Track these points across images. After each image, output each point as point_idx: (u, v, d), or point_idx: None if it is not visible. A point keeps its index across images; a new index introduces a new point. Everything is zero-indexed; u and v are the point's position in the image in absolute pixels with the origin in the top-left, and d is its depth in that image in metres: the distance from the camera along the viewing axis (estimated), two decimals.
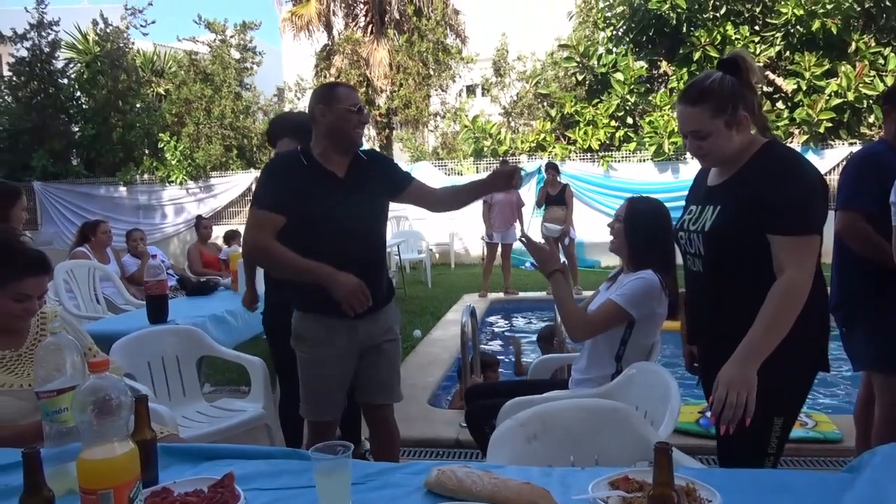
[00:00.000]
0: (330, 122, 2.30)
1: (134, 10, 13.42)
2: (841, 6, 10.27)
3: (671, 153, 10.91)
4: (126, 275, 5.88)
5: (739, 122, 1.76)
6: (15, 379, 1.99)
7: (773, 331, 1.64)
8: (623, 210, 2.57)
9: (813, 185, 1.72)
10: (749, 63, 1.78)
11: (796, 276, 1.66)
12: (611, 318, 2.41)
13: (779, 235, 1.68)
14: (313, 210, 2.29)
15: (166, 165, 13.01)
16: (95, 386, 1.10)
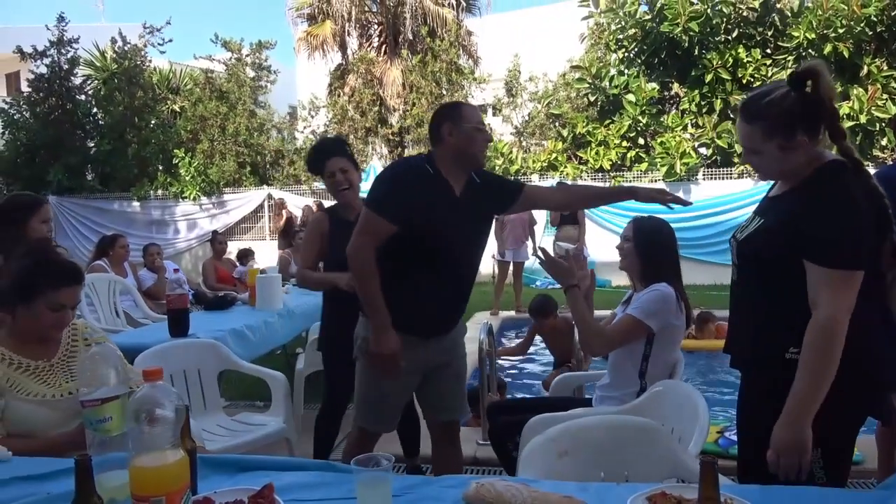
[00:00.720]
0: (457, 140, 2.29)
1: (152, 29, 13.67)
2: (853, 30, 10.33)
3: (682, 174, 10.93)
4: (143, 289, 5.93)
5: (796, 145, 1.64)
6: (48, 389, 2.02)
7: (816, 380, 1.54)
8: (630, 230, 2.62)
9: (860, 217, 1.58)
10: (821, 78, 1.62)
11: (829, 314, 1.54)
12: (629, 331, 2.43)
13: (816, 265, 1.57)
14: (429, 223, 2.24)
15: (180, 181, 13.15)
16: (149, 394, 1.13)
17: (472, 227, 2.38)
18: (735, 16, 11.03)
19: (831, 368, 1.54)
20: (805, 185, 1.66)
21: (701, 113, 11.23)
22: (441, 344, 2.42)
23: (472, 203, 2.36)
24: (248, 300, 4.76)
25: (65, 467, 1.54)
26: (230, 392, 4.98)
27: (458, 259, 2.34)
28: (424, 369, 2.43)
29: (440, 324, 2.41)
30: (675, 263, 2.58)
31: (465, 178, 2.37)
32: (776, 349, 1.64)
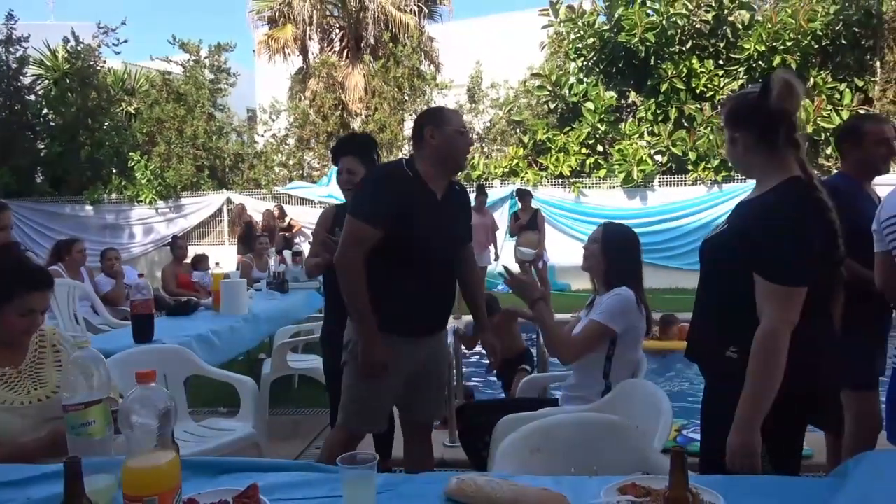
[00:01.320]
0: (439, 143, 2.33)
1: (107, 29, 13.36)
2: (800, 43, 10.79)
3: (640, 180, 11.22)
4: (100, 294, 5.80)
5: (735, 140, 1.75)
6: (15, 396, 1.99)
7: (758, 387, 1.63)
8: (598, 234, 2.71)
9: (806, 237, 1.64)
10: (777, 87, 1.66)
11: (771, 326, 1.62)
12: (595, 336, 2.51)
13: (762, 279, 1.65)
14: (413, 226, 2.28)
15: (136, 185, 12.87)
16: (142, 396, 1.15)
17: (454, 230, 2.44)
18: (689, 28, 11.39)
19: (774, 376, 1.62)
20: (767, 196, 1.73)
21: (657, 121, 11.55)
22: (429, 346, 2.47)
23: (453, 207, 2.43)
24: (213, 305, 4.72)
25: (45, 472, 1.53)
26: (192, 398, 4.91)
27: (441, 260, 2.40)
28: (411, 370, 2.46)
29: (428, 324, 2.46)
30: (638, 270, 2.68)
31: (447, 181, 2.42)
32: (719, 347, 1.75)
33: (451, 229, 2.42)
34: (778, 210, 1.67)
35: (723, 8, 11.37)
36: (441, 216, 2.36)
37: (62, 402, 1.43)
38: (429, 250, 2.32)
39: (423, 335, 2.43)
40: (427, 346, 2.46)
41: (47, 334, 2.15)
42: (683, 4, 11.16)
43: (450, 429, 3.77)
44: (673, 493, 1.10)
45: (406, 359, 2.41)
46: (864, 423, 2.56)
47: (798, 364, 1.64)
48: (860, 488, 1.33)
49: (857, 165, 2.67)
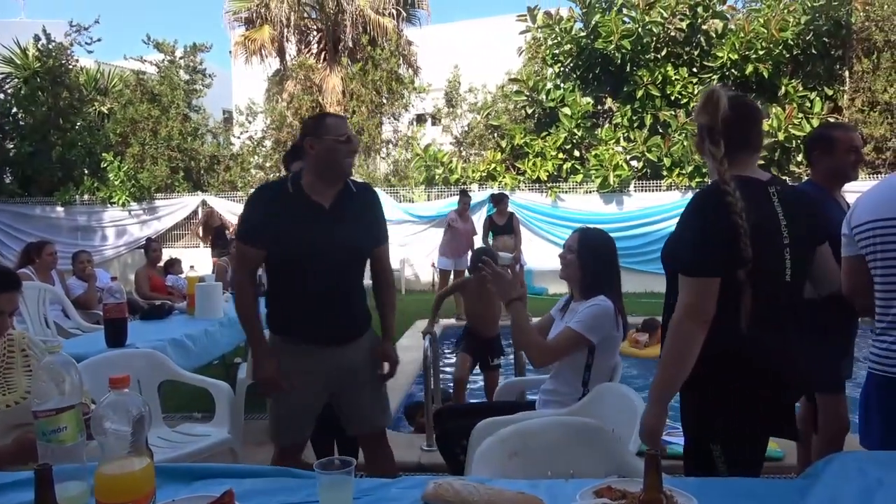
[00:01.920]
0: (318, 153, 2.32)
1: (79, 27, 13.13)
2: (772, 52, 11.02)
3: (616, 185, 11.33)
4: (72, 297, 5.69)
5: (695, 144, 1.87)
6: None
7: (663, 370, 1.72)
8: (574, 241, 2.68)
9: (708, 231, 1.69)
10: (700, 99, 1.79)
11: (678, 314, 1.70)
12: (570, 343, 2.51)
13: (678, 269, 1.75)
14: (294, 240, 2.32)
15: (108, 186, 12.66)
16: (116, 401, 1.13)
17: (346, 238, 2.36)
18: (664, 36, 11.56)
19: (674, 360, 1.70)
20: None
21: (632, 127, 11.69)
22: (344, 354, 2.43)
23: (344, 214, 2.37)
24: (187, 309, 4.67)
25: (15, 479, 1.50)
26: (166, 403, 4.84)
27: (334, 269, 2.35)
28: (330, 378, 2.43)
29: (329, 332, 2.41)
30: (616, 276, 2.67)
31: (336, 190, 2.38)
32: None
33: (342, 237, 2.35)
34: (687, 207, 1.78)
35: (697, 17, 11.57)
36: (328, 226, 2.35)
37: (32, 408, 1.40)
38: (317, 261, 2.33)
39: (328, 344, 2.40)
40: (341, 355, 2.42)
41: (16, 339, 2.12)
42: (658, 13, 11.33)
43: (427, 433, 3.77)
44: (647, 496, 1.12)
45: (319, 366, 2.40)
46: (833, 425, 2.62)
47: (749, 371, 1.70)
48: (829, 490, 1.36)
49: (828, 173, 2.71)
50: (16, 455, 1.84)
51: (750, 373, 1.73)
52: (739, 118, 1.77)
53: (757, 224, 1.66)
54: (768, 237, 1.70)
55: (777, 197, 1.76)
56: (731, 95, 1.79)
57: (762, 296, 1.69)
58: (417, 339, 6.87)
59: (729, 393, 1.73)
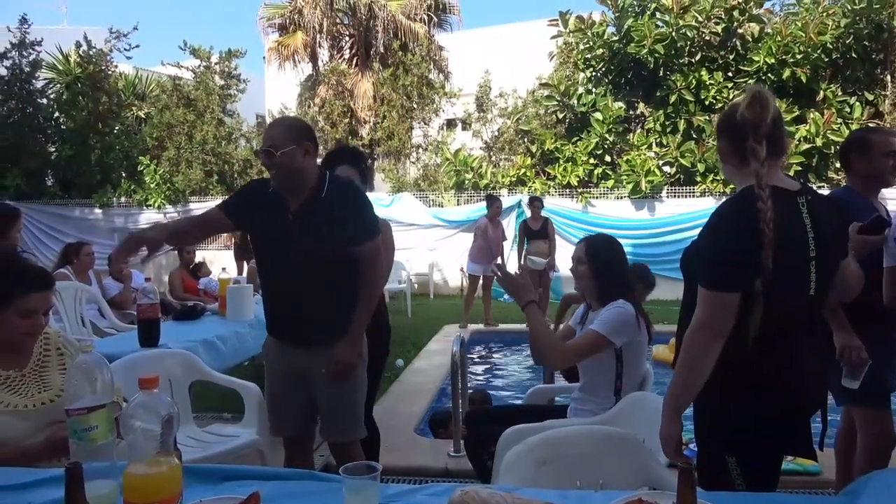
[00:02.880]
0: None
1: (119, 34, 13.44)
2: (810, 56, 10.77)
3: (647, 191, 11.19)
4: (107, 297, 5.81)
5: (721, 150, 1.81)
6: (19, 399, 1.99)
7: (677, 380, 1.71)
8: (582, 251, 2.64)
9: (732, 244, 1.65)
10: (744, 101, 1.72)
11: (692, 325, 1.68)
12: (591, 345, 2.45)
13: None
14: (257, 232, 2.52)
15: (144, 189, 12.93)
16: (145, 401, 1.14)
17: (308, 242, 2.34)
18: (698, 40, 11.39)
19: (693, 375, 1.67)
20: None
21: (665, 132, 11.53)
22: (313, 357, 2.46)
23: (308, 219, 2.36)
24: (219, 310, 4.73)
25: (46, 476, 1.53)
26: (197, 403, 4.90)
27: (293, 271, 2.39)
28: (304, 378, 2.51)
29: (291, 334, 2.50)
30: (628, 279, 2.64)
31: (303, 196, 2.39)
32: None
33: (304, 242, 2.33)
34: (714, 215, 1.74)
35: (733, 20, 11.37)
36: (289, 229, 2.38)
37: (65, 407, 1.42)
38: (278, 261, 2.43)
39: (296, 345, 2.49)
40: (311, 357, 2.46)
41: (52, 337, 2.15)
42: (693, 16, 11.16)
43: (454, 438, 3.75)
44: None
45: (294, 363, 2.50)
46: (877, 440, 2.53)
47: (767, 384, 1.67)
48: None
49: (864, 178, 2.63)
50: (48, 452, 1.87)
51: (763, 386, 1.69)
52: (781, 120, 1.74)
53: (784, 238, 1.61)
54: (795, 251, 1.66)
55: (806, 208, 1.70)
56: None
57: (781, 309, 1.65)
58: (445, 343, 6.87)
59: (742, 405, 1.70)
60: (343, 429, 2.52)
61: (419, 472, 3.64)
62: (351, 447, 2.52)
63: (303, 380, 2.51)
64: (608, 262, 2.61)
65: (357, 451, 2.52)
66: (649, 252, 10.55)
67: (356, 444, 2.54)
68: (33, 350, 2.08)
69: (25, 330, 2.00)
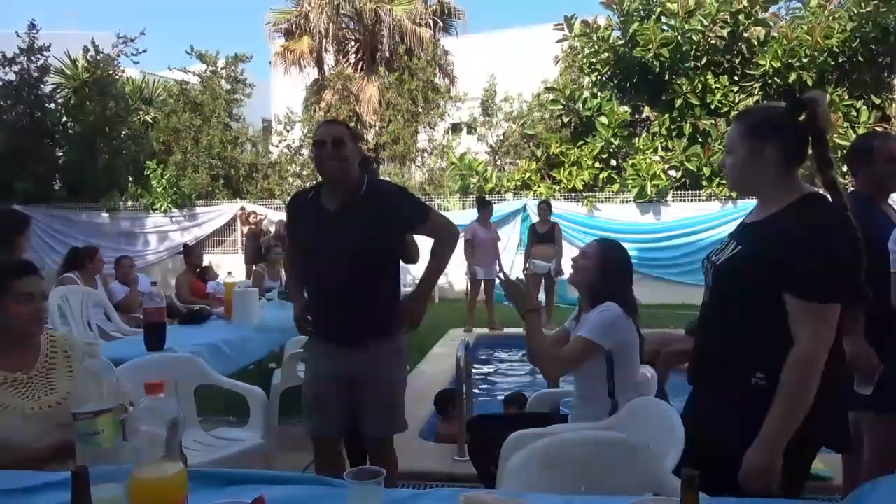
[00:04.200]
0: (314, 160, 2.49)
1: (126, 39, 13.52)
2: (816, 60, 10.75)
3: (653, 195, 11.17)
4: (114, 301, 5.84)
5: (764, 154, 1.69)
6: (26, 402, 2.00)
7: (792, 410, 1.60)
8: (593, 249, 2.64)
9: (843, 252, 1.60)
10: (815, 107, 1.67)
11: (809, 348, 1.59)
12: (581, 352, 2.43)
13: (795, 298, 1.60)
14: (301, 241, 2.57)
15: (151, 193, 13.00)
16: (151, 406, 1.14)
17: (348, 240, 2.40)
18: (704, 43, 11.38)
19: (807, 399, 1.59)
20: (786, 215, 1.69)
21: (671, 136, 11.52)
22: (358, 356, 2.49)
23: (348, 217, 2.44)
24: (224, 314, 4.74)
25: (52, 480, 1.53)
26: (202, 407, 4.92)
27: (338, 271, 2.43)
28: (347, 378, 2.52)
29: (337, 334, 2.53)
30: (628, 289, 2.62)
31: (341, 195, 2.47)
32: (744, 373, 1.68)
33: (343, 240, 2.40)
34: (807, 225, 1.63)
35: (738, 24, 11.35)
36: (332, 229, 2.44)
37: (71, 410, 1.43)
38: (322, 262, 2.47)
39: (340, 344, 2.52)
40: (355, 356, 2.49)
41: (58, 340, 2.17)
42: (699, 20, 11.16)
43: (459, 443, 3.75)
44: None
45: (335, 365, 2.52)
46: (885, 446, 2.52)
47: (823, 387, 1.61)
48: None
49: (869, 183, 2.63)
50: (54, 456, 1.88)
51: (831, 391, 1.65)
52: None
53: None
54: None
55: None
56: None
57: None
58: (451, 347, 6.86)
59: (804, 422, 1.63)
60: (391, 422, 2.58)
61: (424, 477, 3.64)
62: (389, 444, 2.62)
63: (346, 380, 2.52)
64: (616, 269, 2.60)
65: (393, 448, 2.64)
66: (655, 256, 10.54)
67: (392, 441, 2.63)
68: (40, 352, 2.10)
69: (28, 315, 2.02)
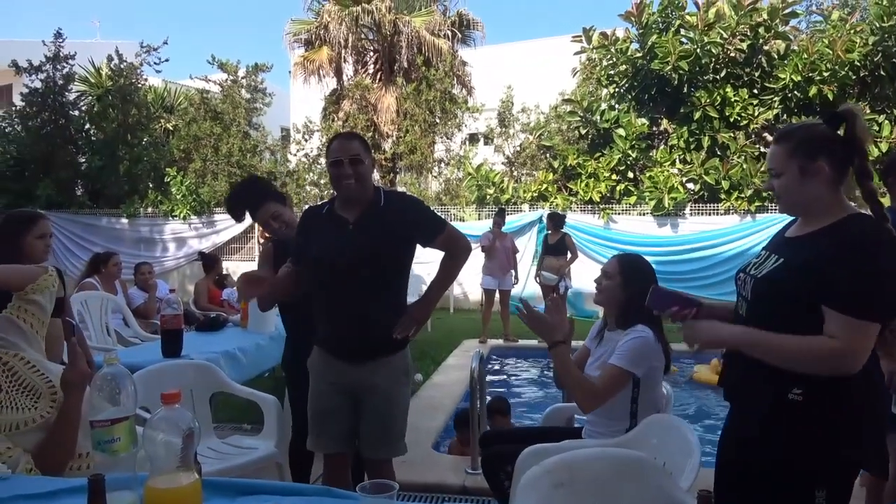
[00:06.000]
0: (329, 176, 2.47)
1: (149, 48, 13.74)
2: (837, 74, 10.64)
3: (671, 208, 11.10)
4: (132, 307, 5.90)
5: (815, 171, 1.68)
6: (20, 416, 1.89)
7: (775, 352, 1.65)
8: (615, 267, 2.61)
9: (886, 270, 1.59)
10: (854, 118, 1.68)
11: (842, 347, 1.57)
12: (616, 382, 2.41)
13: (835, 311, 1.59)
14: (313, 251, 2.47)
15: (170, 199, 13.14)
16: (167, 416, 1.15)
17: (366, 252, 2.38)
18: (723, 56, 11.32)
19: (791, 361, 1.63)
20: (832, 231, 1.67)
21: (689, 149, 11.45)
22: (362, 372, 2.46)
23: (366, 228, 2.43)
24: (240, 322, 4.78)
25: (68, 486, 1.55)
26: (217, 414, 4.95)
27: (350, 282, 2.38)
28: (351, 393, 2.49)
29: (343, 348, 2.48)
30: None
31: (362, 207, 2.46)
32: (780, 388, 1.67)
33: (363, 252, 2.37)
34: (853, 242, 1.63)
35: (758, 37, 11.29)
36: (348, 241, 2.40)
37: (89, 419, 1.44)
38: (335, 273, 2.41)
39: (345, 359, 2.47)
40: (359, 373, 2.46)
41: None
42: (718, 33, 11.11)
43: (472, 456, 3.73)
44: None
45: (344, 379, 2.48)
46: None
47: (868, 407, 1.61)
48: None
49: None
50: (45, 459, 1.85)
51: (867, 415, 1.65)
52: None
53: None
54: None
55: None
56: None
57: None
58: (465, 358, 6.85)
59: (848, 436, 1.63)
60: (388, 445, 2.51)
61: (436, 489, 3.63)
62: (388, 465, 2.54)
63: (352, 395, 2.49)
64: (639, 282, 2.54)
65: (391, 470, 2.55)
66: (672, 270, 10.46)
67: (391, 462, 2.56)
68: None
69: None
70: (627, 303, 2.55)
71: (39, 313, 2.13)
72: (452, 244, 2.60)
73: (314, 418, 2.55)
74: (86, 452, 1.94)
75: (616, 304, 2.58)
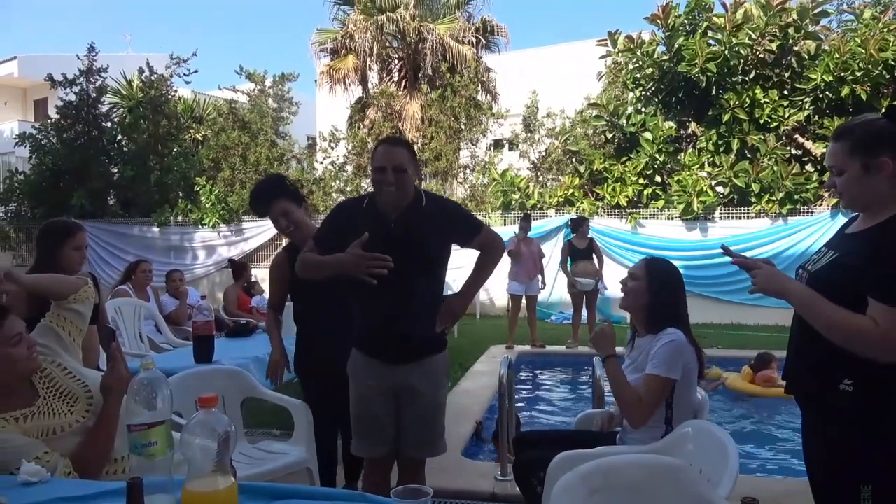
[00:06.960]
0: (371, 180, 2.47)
1: (179, 60, 14.01)
2: (870, 73, 10.41)
3: (699, 212, 10.95)
4: (164, 314, 5.99)
5: (879, 166, 1.66)
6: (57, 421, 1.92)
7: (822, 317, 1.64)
8: (641, 270, 2.59)
9: None
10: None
11: (878, 332, 1.56)
12: (659, 392, 2.42)
13: (877, 302, 1.59)
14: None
15: (200, 208, 13.35)
16: (203, 420, 1.16)
17: (408, 253, 2.35)
18: (752, 57, 11.15)
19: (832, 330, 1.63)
20: (885, 225, 1.66)
21: (718, 152, 11.29)
22: (401, 374, 2.47)
23: (407, 229, 2.42)
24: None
25: (106, 489, 1.57)
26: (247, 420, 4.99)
27: (392, 283, 2.31)
28: (392, 395, 2.49)
29: (383, 350, 2.48)
30: (683, 308, 2.57)
31: (400, 209, 2.45)
32: (831, 379, 1.66)
33: (404, 253, 2.33)
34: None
35: (788, 38, 11.10)
36: (390, 242, 2.36)
37: (126, 423, 1.46)
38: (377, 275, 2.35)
39: (385, 361, 2.47)
40: (399, 374, 2.46)
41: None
42: (746, 34, 10.95)
43: (502, 462, 3.71)
44: None
45: (385, 381, 2.48)
46: None
47: None
48: None
49: None
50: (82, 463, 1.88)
51: None
52: None
53: None
54: None
55: None
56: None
57: None
58: (492, 364, 6.82)
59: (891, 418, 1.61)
60: (430, 445, 2.55)
61: (465, 495, 3.61)
62: (422, 466, 2.59)
63: (394, 397, 2.50)
64: (666, 284, 2.54)
65: (423, 471, 2.60)
66: (701, 275, 10.30)
67: (424, 463, 2.60)
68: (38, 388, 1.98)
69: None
70: (653, 305, 2.52)
71: (78, 321, 2.17)
72: (489, 244, 2.64)
73: (359, 423, 2.54)
74: (121, 457, 1.97)
75: (641, 307, 2.56)
